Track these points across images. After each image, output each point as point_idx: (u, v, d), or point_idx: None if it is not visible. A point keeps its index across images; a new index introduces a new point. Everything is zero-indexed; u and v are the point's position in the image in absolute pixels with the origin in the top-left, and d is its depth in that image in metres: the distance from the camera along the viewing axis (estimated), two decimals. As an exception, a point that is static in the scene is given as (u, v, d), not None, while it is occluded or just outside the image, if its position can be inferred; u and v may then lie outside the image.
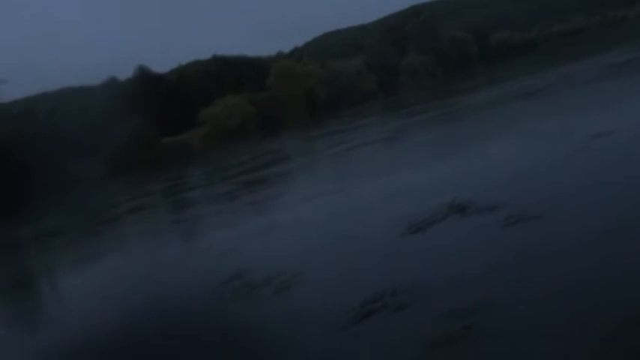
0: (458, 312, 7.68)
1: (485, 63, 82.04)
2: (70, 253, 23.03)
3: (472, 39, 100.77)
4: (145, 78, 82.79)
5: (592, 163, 13.72)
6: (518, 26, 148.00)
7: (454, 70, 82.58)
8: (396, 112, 48.00)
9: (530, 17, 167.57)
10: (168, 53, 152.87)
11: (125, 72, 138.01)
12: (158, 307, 11.99)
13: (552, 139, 17.95)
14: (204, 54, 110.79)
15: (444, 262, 9.98)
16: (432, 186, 16.18)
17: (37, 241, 29.27)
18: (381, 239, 12.22)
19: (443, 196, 13.90)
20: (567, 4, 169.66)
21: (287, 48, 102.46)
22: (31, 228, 35.32)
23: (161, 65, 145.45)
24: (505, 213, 11.22)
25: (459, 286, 8.68)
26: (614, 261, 8.05)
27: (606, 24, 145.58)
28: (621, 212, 9.78)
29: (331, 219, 15.76)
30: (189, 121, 73.11)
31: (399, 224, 12.44)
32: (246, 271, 12.27)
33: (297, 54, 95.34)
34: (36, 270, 22.52)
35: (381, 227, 13.04)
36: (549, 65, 46.49)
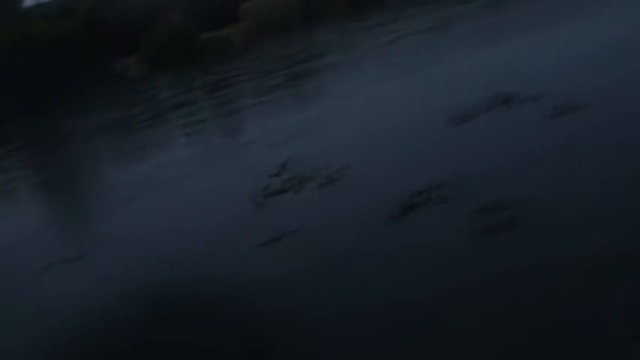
0: (503, 204, 7.73)
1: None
2: (123, 147, 23.33)
3: None
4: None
5: (637, 54, 13.39)
6: None
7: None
8: (439, 3, 46.97)
9: None
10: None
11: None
12: (203, 202, 12.27)
13: (599, 28, 17.51)
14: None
15: (488, 154, 9.99)
16: (477, 76, 16.01)
17: (91, 133, 29.65)
18: (426, 131, 12.23)
19: (488, 86, 13.79)
20: None
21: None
22: (81, 122, 35.77)
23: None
24: (550, 104, 11.11)
25: (505, 179, 8.72)
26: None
27: None
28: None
29: (377, 111, 15.74)
30: (229, 16, 72.29)
31: (445, 116, 12.41)
32: (294, 163, 12.43)
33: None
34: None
35: (426, 119, 13.03)
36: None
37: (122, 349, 7.57)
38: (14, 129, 43.47)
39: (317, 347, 6.25)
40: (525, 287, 6.03)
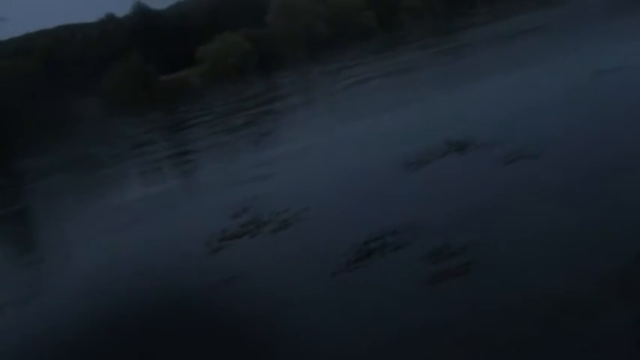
0: (457, 249, 7.83)
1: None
2: (81, 186, 23.11)
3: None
4: (142, 15, 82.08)
5: (594, 100, 13.70)
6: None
7: (455, 6, 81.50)
8: (395, 50, 47.63)
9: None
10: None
11: (123, 9, 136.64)
12: (159, 245, 12.21)
13: (556, 75, 17.89)
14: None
15: (443, 199, 10.10)
16: (434, 122, 16.28)
17: (47, 172, 29.36)
18: (384, 176, 12.32)
19: (444, 132, 14.01)
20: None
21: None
22: (38, 161, 35.43)
23: (160, 2, 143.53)
24: (504, 151, 11.31)
25: (459, 224, 8.81)
26: (609, 201, 8.17)
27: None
28: (620, 151, 9.88)
29: (336, 154, 15.84)
30: (187, 59, 72.58)
31: (401, 161, 12.59)
32: (253, 206, 12.45)
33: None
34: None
35: (383, 164, 13.13)
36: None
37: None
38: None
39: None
40: (476, 333, 6.10)
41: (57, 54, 72.18)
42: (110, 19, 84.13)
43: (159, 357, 7.53)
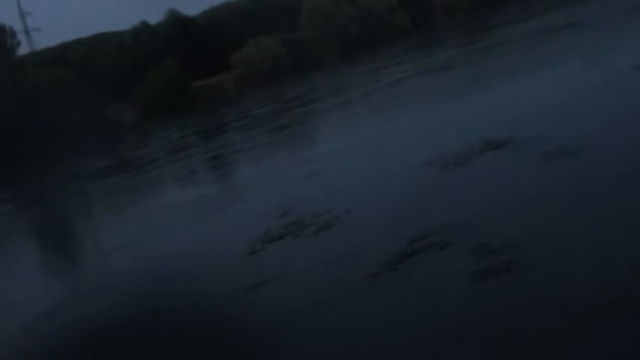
0: (501, 247, 7.81)
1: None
2: (127, 188, 23.42)
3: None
4: (176, 21, 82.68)
5: (634, 96, 13.59)
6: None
7: (489, 4, 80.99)
8: (429, 49, 47.49)
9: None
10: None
11: (156, 16, 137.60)
12: (202, 245, 12.35)
13: (593, 71, 17.78)
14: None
15: (484, 198, 10.10)
16: (472, 120, 16.25)
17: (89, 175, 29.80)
18: (424, 176, 12.34)
19: (481, 130, 14.03)
20: None
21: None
22: (77, 166, 35.88)
23: (192, 8, 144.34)
24: (543, 148, 11.26)
25: (500, 223, 8.81)
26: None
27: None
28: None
29: (376, 154, 15.92)
30: (221, 64, 72.98)
31: (441, 160, 12.61)
32: (296, 207, 12.57)
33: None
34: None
35: (423, 163, 13.12)
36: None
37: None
38: (14, 172, 43.58)
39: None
40: (518, 332, 6.12)
41: (92, 62, 73.01)
42: (144, 26, 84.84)
43: (187, 355, 7.64)
